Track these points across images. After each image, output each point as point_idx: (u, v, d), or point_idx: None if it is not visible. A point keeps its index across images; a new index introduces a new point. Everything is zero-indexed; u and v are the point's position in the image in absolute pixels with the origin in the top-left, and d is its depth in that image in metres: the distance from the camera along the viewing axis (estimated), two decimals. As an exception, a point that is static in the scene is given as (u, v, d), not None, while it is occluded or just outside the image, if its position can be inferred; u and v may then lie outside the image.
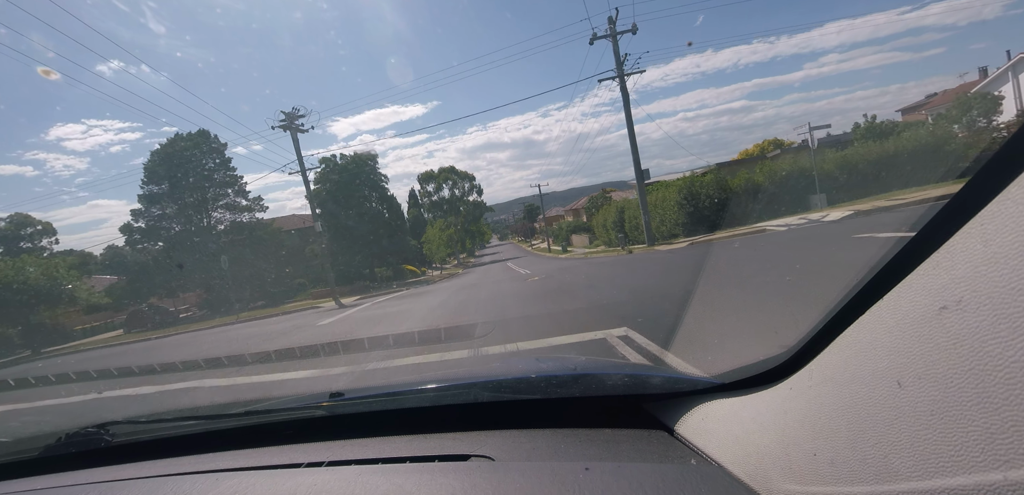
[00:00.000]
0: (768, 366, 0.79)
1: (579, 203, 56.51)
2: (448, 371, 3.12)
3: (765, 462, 0.66)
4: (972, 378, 0.41)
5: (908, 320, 0.49)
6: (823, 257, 7.29)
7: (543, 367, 1.26)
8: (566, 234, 43.00)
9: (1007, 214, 0.41)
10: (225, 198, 34.02)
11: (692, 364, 3.45)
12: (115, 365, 9.95)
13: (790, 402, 0.68)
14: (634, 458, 0.84)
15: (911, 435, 0.46)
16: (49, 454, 1.18)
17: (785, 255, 8.20)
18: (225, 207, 34.14)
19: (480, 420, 1.05)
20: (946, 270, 0.46)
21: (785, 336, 3.60)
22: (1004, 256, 0.40)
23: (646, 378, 1.11)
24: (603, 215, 30.18)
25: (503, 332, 5.98)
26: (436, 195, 58.72)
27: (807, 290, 5.15)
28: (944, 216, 0.48)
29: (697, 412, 0.90)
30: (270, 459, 1.00)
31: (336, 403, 1.14)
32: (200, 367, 7.82)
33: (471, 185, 60.02)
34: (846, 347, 0.59)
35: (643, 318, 5.26)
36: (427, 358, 5.28)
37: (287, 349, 7.72)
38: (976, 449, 0.40)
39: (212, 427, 1.18)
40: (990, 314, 0.40)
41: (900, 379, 0.48)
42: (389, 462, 0.91)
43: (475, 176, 60.91)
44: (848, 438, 0.53)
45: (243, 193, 34.70)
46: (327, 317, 14.06)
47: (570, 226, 45.07)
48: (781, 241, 10.41)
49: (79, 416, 3.76)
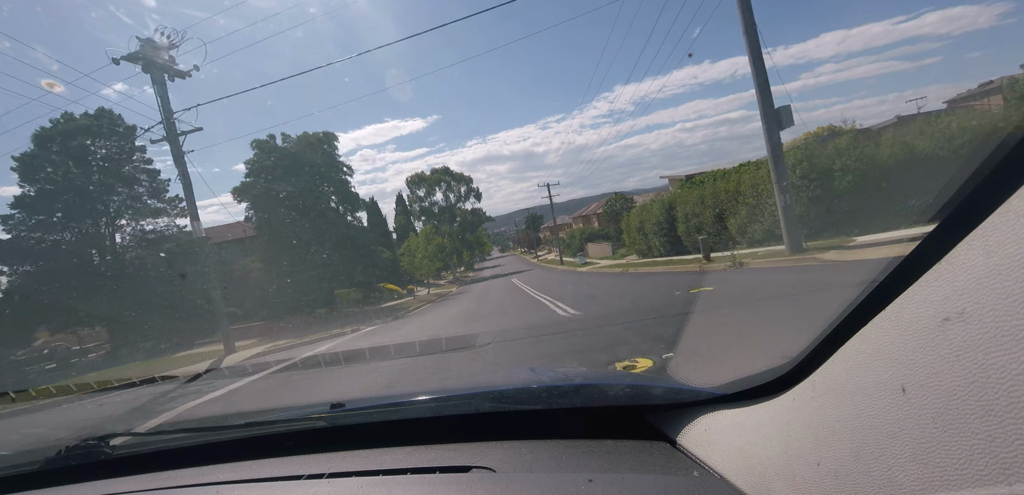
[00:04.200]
0: (771, 377, 0.78)
1: (589, 209, 53.60)
2: (449, 381, 4.02)
3: (768, 474, 0.66)
4: (975, 390, 0.41)
5: (911, 331, 0.49)
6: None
7: (545, 378, 1.26)
8: (580, 243, 38.08)
9: (1009, 225, 0.41)
10: (135, 200, 24.46)
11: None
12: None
13: (793, 414, 0.67)
14: (637, 470, 0.83)
15: (914, 447, 0.45)
16: (50, 467, 1.17)
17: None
18: (134, 211, 24.43)
19: (482, 431, 1.04)
20: (949, 281, 0.45)
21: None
22: (1007, 267, 0.40)
23: (648, 389, 1.10)
24: (638, 216, 23.01)
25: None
26: (427, 200, 51.65)
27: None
28: (946, 227, 0.48)
29: (699, 423, 0.88)
30: (271, 471, 1.00)
31: (336, 414, 1.13)
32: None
33: (468, 189, 52.83)
34: (849, 358, 0.59)
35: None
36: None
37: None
38: (980, 462, 0.40)
39: (212, 439, 1.17)
40: (993, 326, 0.40)
41: (904, 390, 0.48)
42: (390, 474, 0.91)
43: (472, 179, 53.78)
44: (851, 450, 0.53)
45: (159, 192, 24.79)
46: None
47: (584, 233, 40.44)
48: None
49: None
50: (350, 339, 12.45)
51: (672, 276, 11.98)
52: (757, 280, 8.53)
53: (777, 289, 7.29)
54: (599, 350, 5.17)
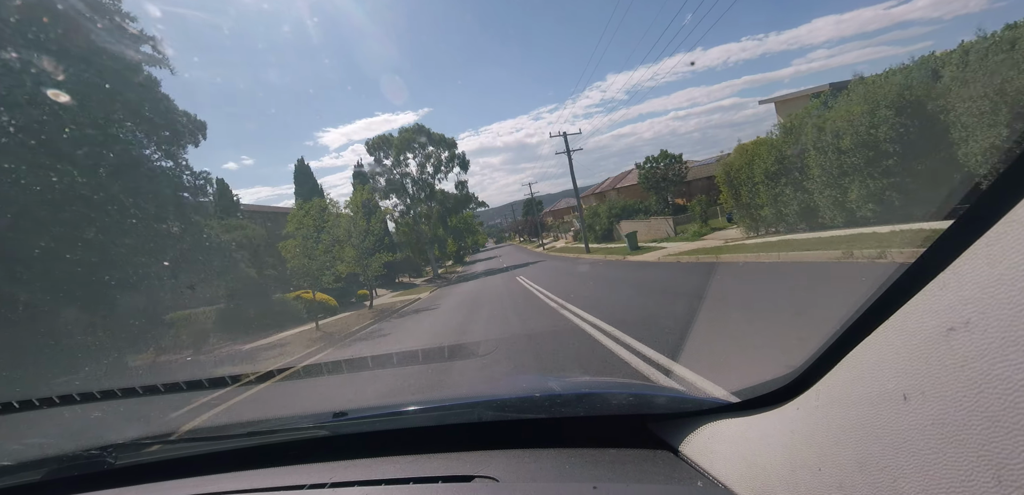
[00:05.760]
0: (775, 386, 0.78)
1: (603, 185, 40.87)
2: (452, 391, 3.83)
3: (772, 484, 0.66)
4: (980, 400, 0.41)
5: (915, 341, 0.49)
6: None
7: (547, 386, 1.26)
8: (607, 222, 27.27)
9: (1014, 235, 0.41)
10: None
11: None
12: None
13: (797, 423, 0.68)
14: (640, 479, 0.84)
15: (918, 457, 0.46)
16: (52, 477, 1.18)
17: None
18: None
19: (484, 440, 1.04)
20: (953, 291, 0.46)
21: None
22: (1011, 277, 0.40)
23: (651, 398, 1.11)
24: (770, 149, 11.95)
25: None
26: (396, 172, 35.62)
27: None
28: (950, 236, 0.48)
29: (703, 432, 0.89)
30: (273, 481, 1.01)
31: (339, 423, 1.13)
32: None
33: (451, 155, 36.20)
34: (853, 367, 0.59)
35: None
36: None
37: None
38: (986, 473, 0.40)
39: (215, 448, 1.18)
40: (998, 336, 0.40)
41: (907, 400, 0.48)
42: (392, 483, 0.91)
43: (457, 142, 36.84)
44: (855, 460, 0.53)
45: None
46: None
47: (612, 210, 27.48)
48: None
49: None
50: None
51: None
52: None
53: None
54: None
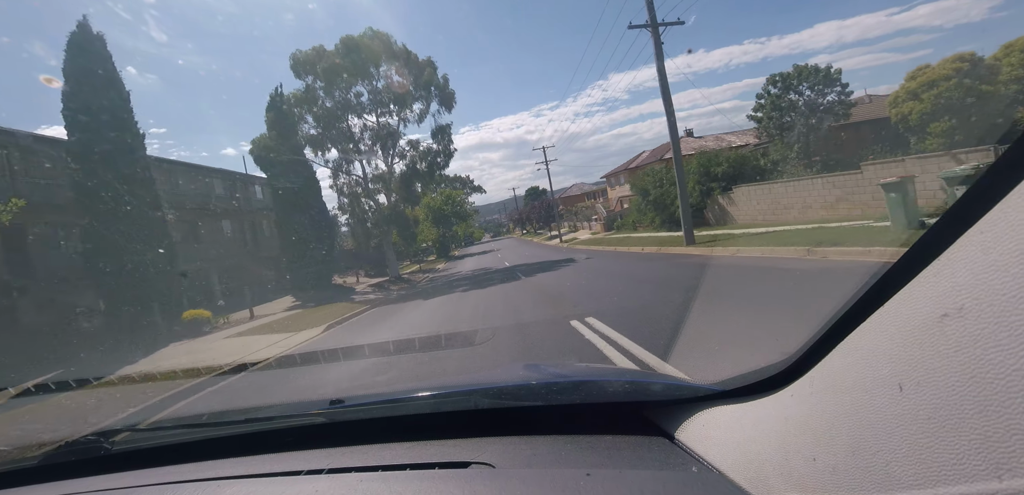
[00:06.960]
0: (769, 373, 0.79)
1: (640, 158, 33.87)
2: (448, 378, 3.72)
3: (766, 469, 0.66)
4: (973, 385, 0.41)
5: (909, 327, 0.49)
6: None
7: (544, 374, 1.26)
8: (698, 189, 17.62)
9: (1007, 222, 0.41)
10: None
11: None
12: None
13: (791, 409, 0.68)
14: (635, 465, 0.84)
15: (912, 442, 0.46)
16: (49, 462, 1.17)
17: None
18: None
19: (481, 427, 1.04)
20: (947, 277, 0.46)
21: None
22: (1004, 264, 0.41)
23: (647, 385, 1.11)
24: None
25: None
26: (335, 97, 22.04)
27: None
28: (944, 223, 0.48)
29: (698, 419, 0.89)
30: (270, 467, 1.01)
31: (336, 410, 1.13)
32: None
33: (428, 83, 22.77)
34: (847, 354, 0.59)
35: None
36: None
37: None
38: (977, 457, 0.41)
39: (212, 434, 1.18)
40: (991, 321, 0.41)
41: (901, 386, 0.48)
42: (389, 469, 0.91)
43: (437, 67, 23.19)
44: (849, 445, 0.53)
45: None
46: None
47: (721, 163, 17.77)
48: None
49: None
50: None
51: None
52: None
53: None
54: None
